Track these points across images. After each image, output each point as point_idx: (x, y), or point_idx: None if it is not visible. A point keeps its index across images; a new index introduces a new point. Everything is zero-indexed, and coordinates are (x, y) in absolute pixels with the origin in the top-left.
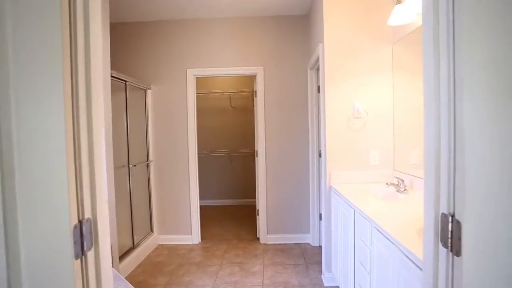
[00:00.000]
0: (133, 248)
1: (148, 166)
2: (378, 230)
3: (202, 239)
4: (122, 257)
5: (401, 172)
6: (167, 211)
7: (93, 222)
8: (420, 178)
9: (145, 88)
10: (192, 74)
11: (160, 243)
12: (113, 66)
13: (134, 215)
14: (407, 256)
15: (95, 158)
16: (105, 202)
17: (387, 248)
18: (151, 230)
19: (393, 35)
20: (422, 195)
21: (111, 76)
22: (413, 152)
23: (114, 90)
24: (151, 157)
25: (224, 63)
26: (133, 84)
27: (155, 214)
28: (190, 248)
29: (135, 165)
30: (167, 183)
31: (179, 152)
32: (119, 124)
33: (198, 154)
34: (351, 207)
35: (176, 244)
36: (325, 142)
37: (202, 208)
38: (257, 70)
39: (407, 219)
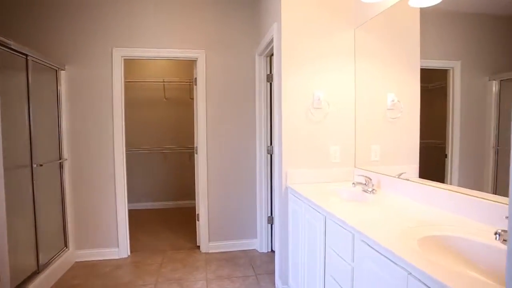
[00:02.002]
0: (38, 271)
1: (61, 165)
2: (369, 245)
3: (131, 251)
4: (21, 286)
5: (362, 169)
6: (87, 220)
7: None
8: (389, 176)
9: (57, 68)
10: (119, 54)
11: (77, 260)
12: (11, 34)
13: (40, 228)
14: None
15: None
16: None
17: (386, 269)
18: (65, 245)
19: (356, 18)
20: (392, 195)
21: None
22: (374, 147)
23: (7, 66)
24: (65, 155)
25: (159, 43)
26: (39, 62)
27: (71, 224)
28: (117, 264)
29: (41, 165)
30: (87, 185)
31: (103, 148)
32: (17, 113)
33: (126, 151)
34: (320, 212)
35: (99, 261)
36: (280, 136)
37: (131, 213)
38: (198, 54)
39: (396, 228)
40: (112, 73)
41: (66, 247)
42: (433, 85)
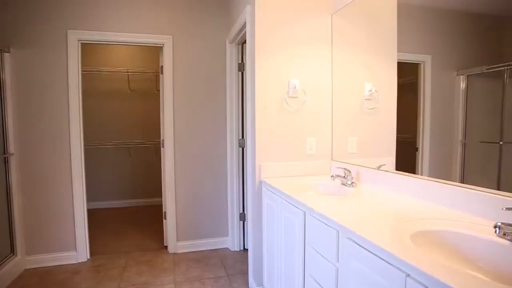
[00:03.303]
0: None
1: (6, 161)
2: (357, 243)
3: (91, 254)
4: None
5: (340, 162)
6: (39, 222)
7: None
8: (369, 168)
9: None
10: (75, 38)
11: (28, 267)
12: None
13: None
14: None
15: None
16: None
17: (378, 270)
18: (12, 251)
19: (334, 2)
20: (373, 188)
21: None
22: (351, 139)
23: None
24: (11, 149)
25: (121, 27)
26: None
27: (19, 227)
28: (75, 270)
29: None
30: (39, 183)
31: (57, 142)
32: None
33: (86, 145)
34: (299, 208)
35: (54, 266)
36: (253, 128)
37: (93, 212)
38: (165, 40)
39: (384, 223)
40: (67, 59)
41: (13, 253)
42: (403, 80)
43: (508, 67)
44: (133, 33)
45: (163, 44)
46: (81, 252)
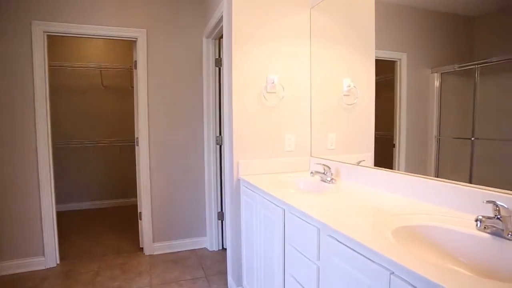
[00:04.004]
0: None
1: None
2: (338, 241)
3: (62, 259)
4: None
5: (319, 158)
6: (2, 226)
7: None
8: (349, 164)
9: None
10: (40, 29)
11: None
12: None
13: None
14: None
15: None
16: None
17: (361, 268)
18: None
19: None
20: (353, 184)
21: None
22: (330, 135)
23: None
24: None
25: (93, 19)
26: None
27: None
28: (43, 276)
29: None
30: (1, 185)
31: (21, 141)
32: None
33: (55, 144)
34: (278, 205)
35: (19, 274)
36: (230, 124)
37: (65, 215)
38: (139, 34)
39: (365, 219)
40: (32, 52)
41: None
42: (381, 78)
43: (478, 66)
44: (104, 25)
45: (137, 38)
46: (50, 257)
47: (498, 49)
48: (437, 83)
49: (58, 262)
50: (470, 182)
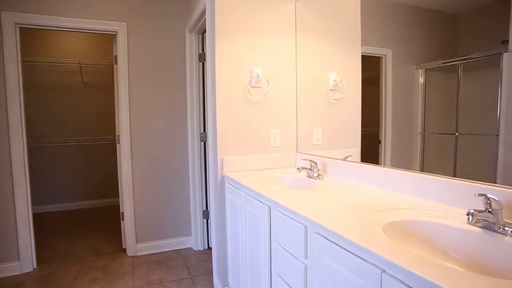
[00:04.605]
0: None
1: None
2: (327, 238)
3: (39, 263)
4: None
5: (305, 153)
6: None
7: None
8: (336, 159)
9: None
10: (11, 20)
11: None
12: None
13: None
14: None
15: None
16: None
17: (351, 267)
18: None
19: None
20: (340, 180)
21: None
22: (316, 130)
23: None
24: None
25: (69, 10)
26: None
27: None
28: (18, 282)
29: None
30: None
31: None
32: None
33: (31, 143)
34: (264, 202)
35: None
36: (214, 120)
37: (41, 217)
38: (119, 27)
39: (354, 216)
40: (2, 45)
41: None
42: (366, 74)
43: (461, 62)
44: (82, 18)
45: (117, 32)
46: (25, 261)
47: (480, 45)
48: (421, 79)
49: (35, 266)
50: (454, 176)
